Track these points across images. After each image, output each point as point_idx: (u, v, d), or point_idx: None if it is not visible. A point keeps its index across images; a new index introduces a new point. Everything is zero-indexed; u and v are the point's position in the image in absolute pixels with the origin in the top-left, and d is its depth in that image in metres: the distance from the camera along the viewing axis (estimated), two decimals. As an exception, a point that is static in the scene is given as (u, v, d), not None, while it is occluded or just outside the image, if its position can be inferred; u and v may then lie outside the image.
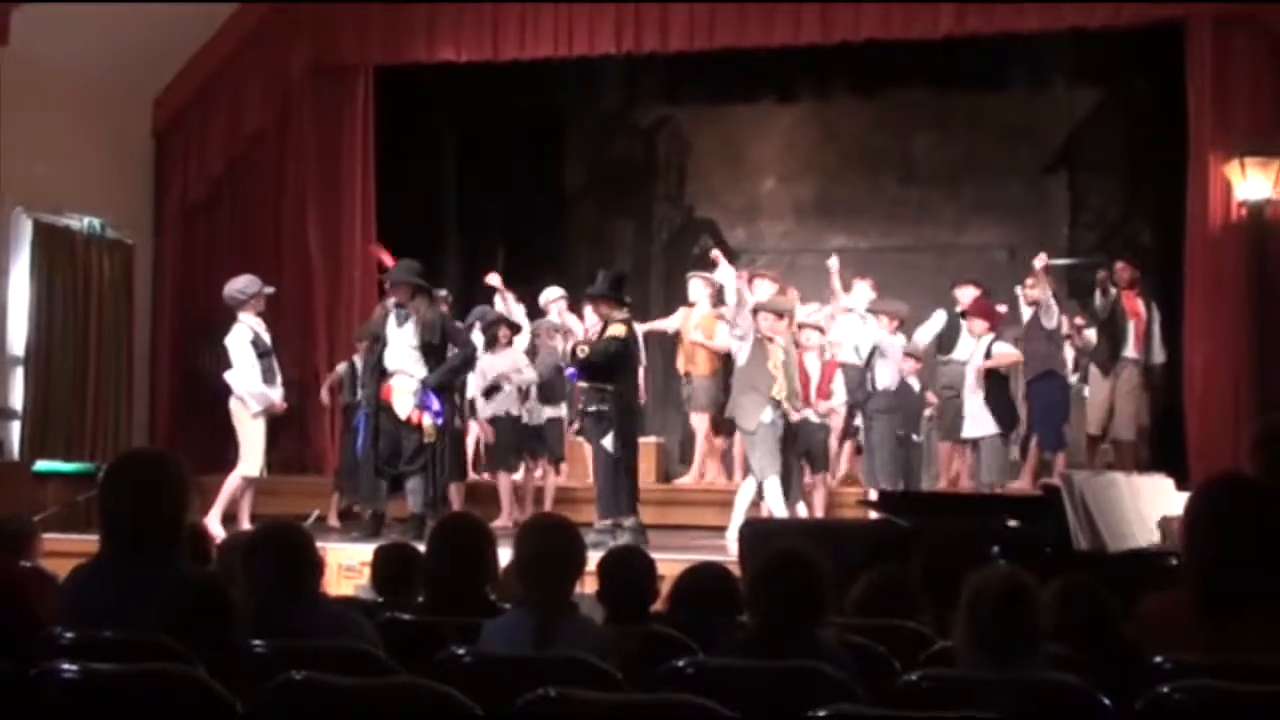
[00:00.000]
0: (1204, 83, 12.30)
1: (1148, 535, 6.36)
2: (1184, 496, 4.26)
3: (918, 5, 12.61)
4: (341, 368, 12.67)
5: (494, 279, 12.85)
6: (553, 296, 13.06)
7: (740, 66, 14.02)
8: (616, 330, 10.56)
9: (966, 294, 12.55)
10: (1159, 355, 12.44)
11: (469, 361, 11.20)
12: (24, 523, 7.80)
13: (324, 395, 13.01)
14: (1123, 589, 4.41)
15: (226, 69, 14.00)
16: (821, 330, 11.92)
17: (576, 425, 11.70)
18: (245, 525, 10.31)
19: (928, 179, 16.01)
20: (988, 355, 11.67)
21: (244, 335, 11.00)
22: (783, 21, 12.89)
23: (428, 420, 10.69)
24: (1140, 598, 4.18)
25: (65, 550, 8.06)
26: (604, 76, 15.26)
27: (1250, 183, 12.02)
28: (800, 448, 11.26)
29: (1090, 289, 12.99)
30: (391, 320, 10.90)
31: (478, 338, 12.02)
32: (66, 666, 3.52)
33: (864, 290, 12.75)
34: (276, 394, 11.17)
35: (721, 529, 10.84)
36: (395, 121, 14.28)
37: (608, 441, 10.48)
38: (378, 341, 11.01)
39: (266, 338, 11.18)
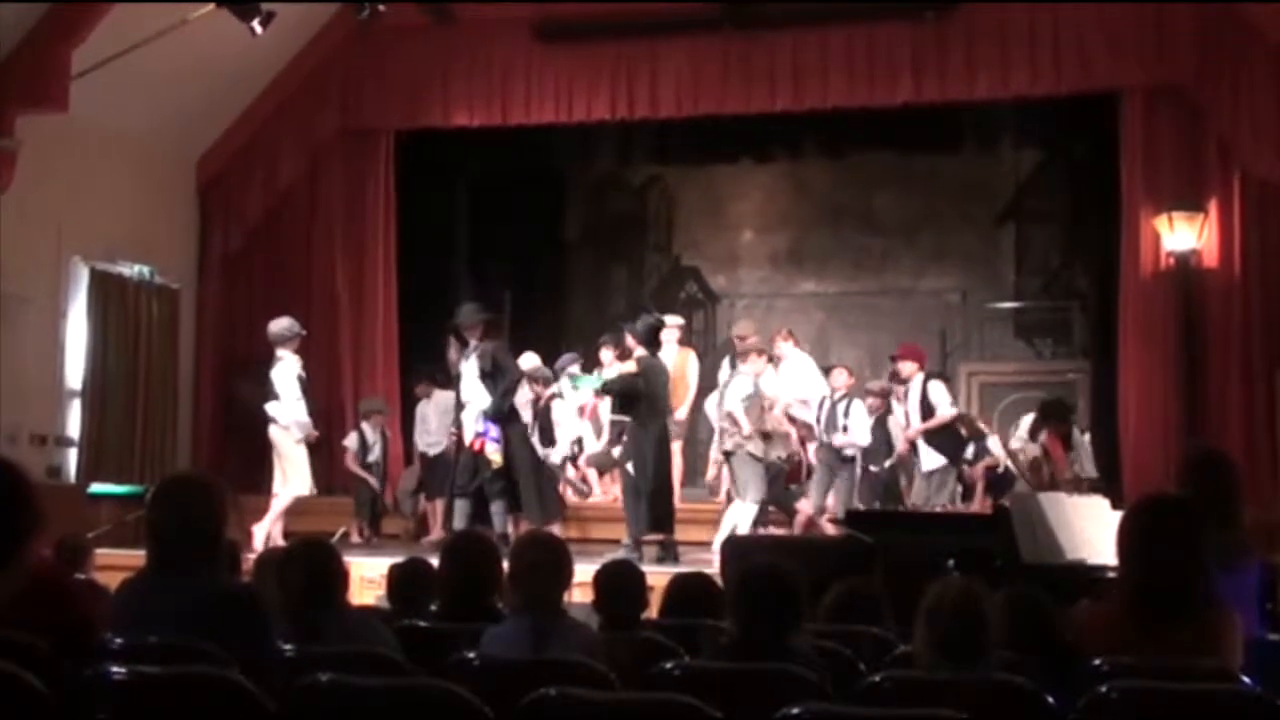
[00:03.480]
0: (1135, 146, 12.35)
1: (1087, 550, 6.35)
2: (1119, 515, 4.25)
3: (879, 76, 12.67)
4: (351, 440, 12.60)
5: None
6: (567, 361, 13.00)
7: (722, 131, 14.04)
8: (630, 367, 10.59)
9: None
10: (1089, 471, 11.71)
11: (513, 387, 11.09)
12: (79, 539, 7.80)
13: (352, 467, 12.73)
14: (1064, 598, 4.41)
15: (262, 133, 14.03)
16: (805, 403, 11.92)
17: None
18: (279, 541, 10.27)
19: (889, 230, 16.06)
20: (923, 396, 11.48)
21: (291, 369, 10.94)
22: (759, 91, 12.93)
23: (490, 448, 10.72)
24: (1079, 606, 4.18)
25: (116, 564, 8.03)
26: (600, 139, 15.28)
27: (1177, 235, 12.04)
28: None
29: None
30: (460, 359, 11.01)
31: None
32: (116, 669, 3.51)
33: (786, 348, 12.52)
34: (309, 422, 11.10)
35: (705, 544, 10.80)
36: (414, 179, 14.29)
37: (630, 466, 10.47)
38: (457, 379, 11.05)
39: (303, 373, 11.12)
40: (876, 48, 12.69)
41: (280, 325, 11.08)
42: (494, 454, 10.70)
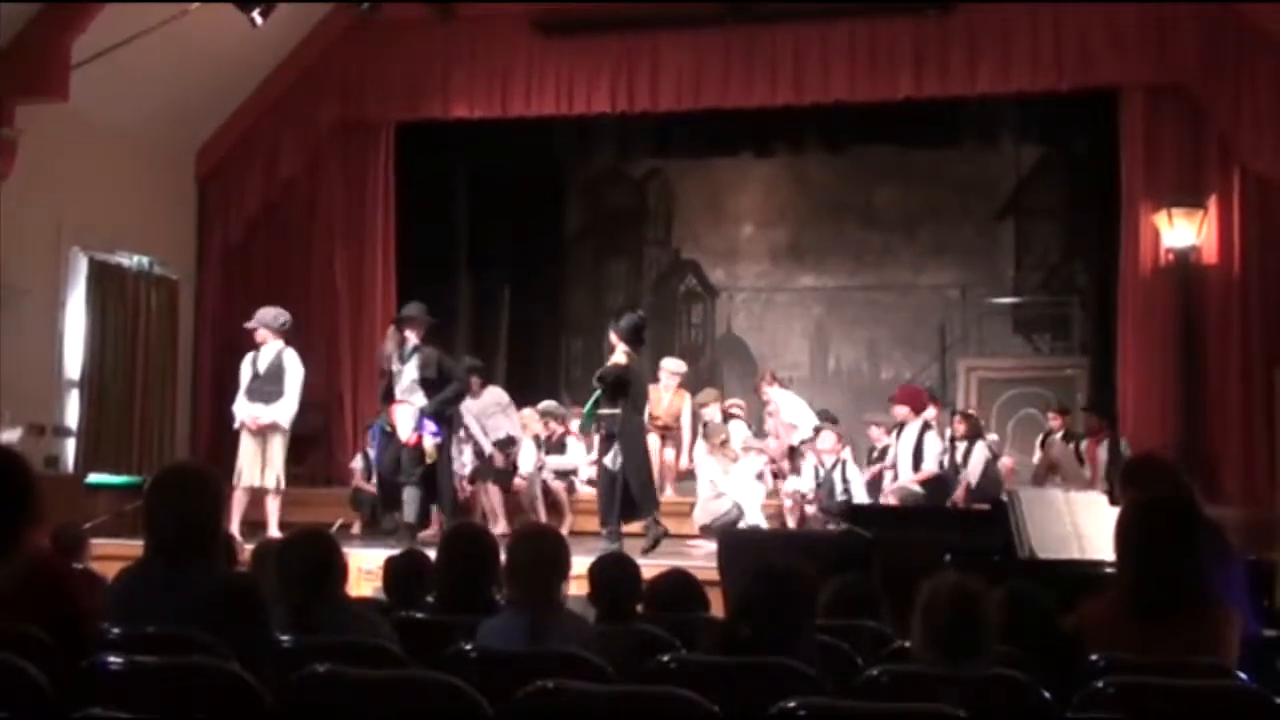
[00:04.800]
0: (1135, 142, 12.34)
1: (1083, 546, 6.35)
2: (1116, 511, 4.26)
3: (881, 70, 12.65)
4: (357, 462, 12.58)
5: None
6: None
7: (722, 124, 14.02)
8: (619, 358, 10.64)
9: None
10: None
11: (460, 394, 11.16)
12: (75, 529, 7.80)
13: (359, 484, 12.54)
14: (1061, 594, 4.42)
15: (262, 124, 14.01)
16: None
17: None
18: (274, 533, 10.23)
19: (889, 225, 16.07)
20: (918, 445, 11.49)
21: (247, 360, 10.81)
22: (760, 84, 12.91)
23: (427, 440, 10.70)
24: (1077, 602, 4.19)
25: (114, 554, 8.05)
26: (600, 132, 15.25)
27: (1177, 231, 12.04)
28: None
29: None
30: (399, 354, 10.97)
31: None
32: (113, 659, 3.51)
33: (773, 392, 12.72)
34: (253, 410, 10.63)
35: (682, 537, 11.00)
36: (413, 171, 14.27)
37: (608, 459, 10.51)
38: (389, 374, 11.00)
39: (261, 364, 10.73)
40: (878, 42, 12.67)
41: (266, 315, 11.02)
42: (432, 448, 10.72)
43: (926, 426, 11.63)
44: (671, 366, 13.02)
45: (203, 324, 13.98)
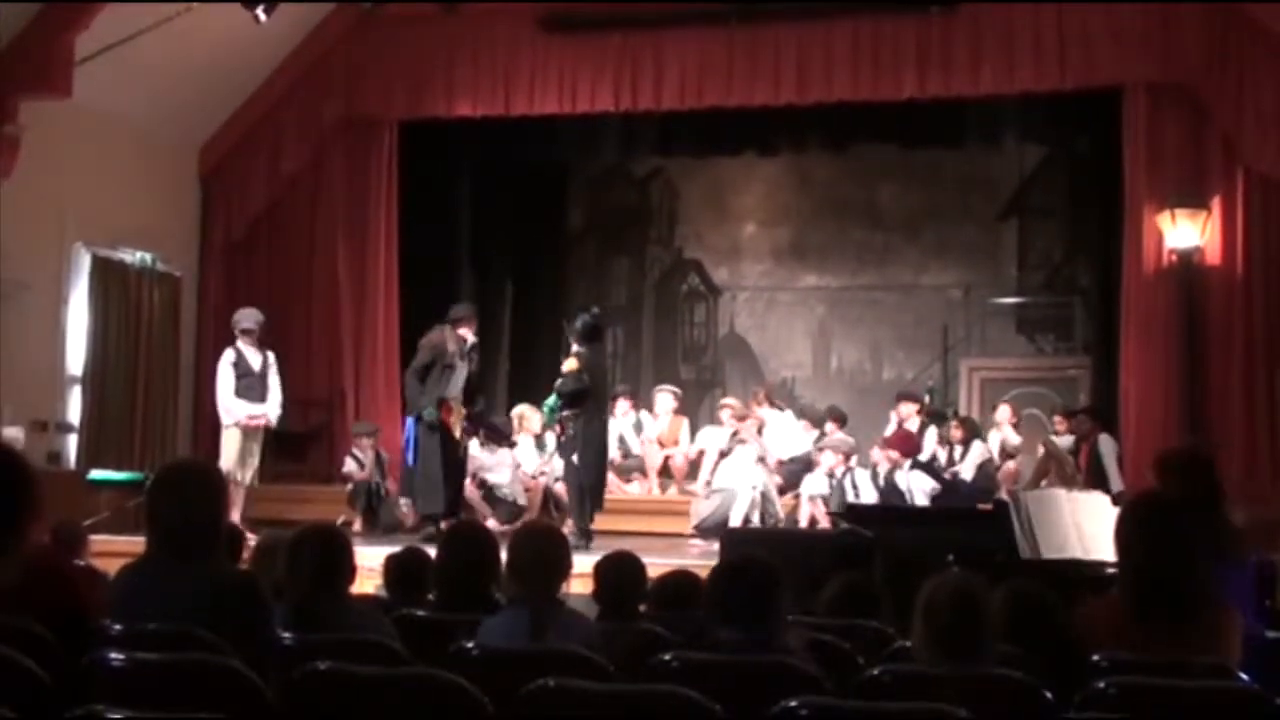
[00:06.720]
0: (1138, 141, 12.31)
1: (1085, 546, 6.35)
2: (1117, 511, 4.25)
3: (884, 70, 12.63)
4: (348, 465, 12.50)
5: None
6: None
7: (725, 123, 13.99)
8: (570, 365, 10.77)
9: (907, 409, 12.36)
10: (1116, 484, 11.47)
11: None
12: (74, 526, 7.81)
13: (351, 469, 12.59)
14: (1063, 594, 4.41)
15: (266, 121, 14.01)
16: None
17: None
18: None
19: (892, 225, 16.05)
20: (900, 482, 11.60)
21: (227, 358, 11.19)
22: (763, 84, 12.90)
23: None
24: (1078, 601, 4.18)
25: (116, 551, 8.03)
26: (603, 131, 15.19)
27: (1180, 231, 12.02)
28: None
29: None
30: (459, 352, 11.09)
31: None
32: (114, 655, 3.51)
33: (764, 412, 12.80)
34: (252, 409, 11.14)
35: (670, 535, 11.18)
36: (416, 168, 14.27)
37: (575, 458, 10.62)
38: (444, 368, 11.07)
39: (252, 361, 11.20)
40: (881, 42, 12.65)
41: (235, 315, 11.34)
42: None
43: (916, 465, 11.73)
44: (664, 403, 13.49)
45: (205, 321, 13.96)
